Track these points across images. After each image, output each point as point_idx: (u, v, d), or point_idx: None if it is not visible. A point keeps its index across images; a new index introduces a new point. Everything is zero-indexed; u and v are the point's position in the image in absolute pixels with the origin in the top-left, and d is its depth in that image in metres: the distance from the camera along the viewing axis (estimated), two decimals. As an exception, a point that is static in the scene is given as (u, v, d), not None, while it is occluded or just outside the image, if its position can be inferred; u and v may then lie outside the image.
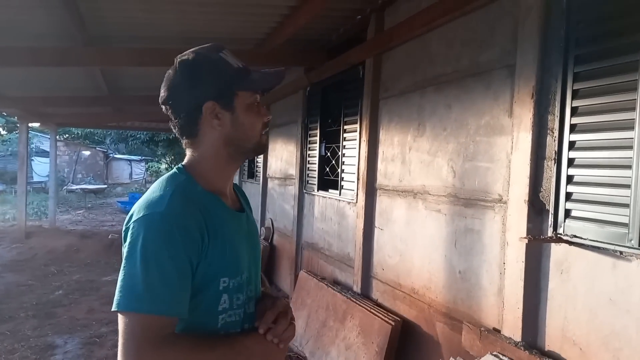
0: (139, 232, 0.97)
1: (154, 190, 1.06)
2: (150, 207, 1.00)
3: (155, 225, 0.98)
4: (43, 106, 8.55)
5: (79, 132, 25.83)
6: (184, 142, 1.14)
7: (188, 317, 1.00)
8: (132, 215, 1.02)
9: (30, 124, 10.31)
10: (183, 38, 4.24)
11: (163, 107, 1.12)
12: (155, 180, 1.38)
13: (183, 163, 1.14)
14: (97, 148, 25.67)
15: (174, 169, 1.13)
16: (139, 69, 5.25)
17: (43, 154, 20.37)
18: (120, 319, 0.94)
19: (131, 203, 15.48)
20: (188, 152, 1.14)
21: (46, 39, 4.01)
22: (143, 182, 28.05)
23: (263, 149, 1.18)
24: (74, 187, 20.67)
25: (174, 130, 1.14)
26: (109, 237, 9.57)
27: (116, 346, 1.06)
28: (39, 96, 7.44)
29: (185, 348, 0.98)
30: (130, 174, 29.41)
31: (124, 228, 1.02)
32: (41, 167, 19.67)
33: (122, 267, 0.97)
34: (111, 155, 27.24)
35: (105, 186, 22.27)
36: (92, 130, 25.69)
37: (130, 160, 29.68)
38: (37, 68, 4.93)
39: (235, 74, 1.09)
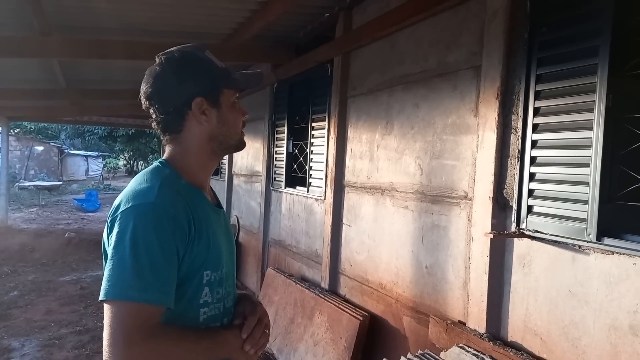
0: (128, 221, 0.98)
1: (139, 182, 1.07)
2: (139, 198, 1.01)
3: (145, 214, 0.99)
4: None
5: (32, 127, 24.72)
6: (165, 137, 1.15)
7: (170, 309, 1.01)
8: (118, 206, 1.02)
9: (-21, 117, 9.79)
10: (148, 30, 4.15)
11: (146, 102, 1.13)
12: (113, 176, 1.39)
13: (165, 157, 1.15)
14: (51, 143, 24.63)
15: (156, 163, 1.14)
16: (100, 61, 5.09)
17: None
18: (108, 308, 0.94)
19: (88, 200, 14.97)
20: (169, 148, 1.16)
21: (2, 28, 3.81)
22: (100, 179, 27.17)
23: (244, 145, 1.22)
24: (27, 183, 19.78)
25: (155, 126, 1.15)
26: (66, 235, 9.23)
27: (77, 348, 1.07)
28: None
29: (172, 339, 0.99)
30: (87, 171, 28.39)
31: (109, 219, 1.02)
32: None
33: (110, 257, 0.97)
34: (66, 150, 26.20)
35: (60, 183, 21.40)
36: (45, 124, 24.67)
37: (86, 156, 28.64)
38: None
39: (221, 72, 1.14)
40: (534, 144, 2.04)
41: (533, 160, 2.05)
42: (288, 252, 4.73)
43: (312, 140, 4.25)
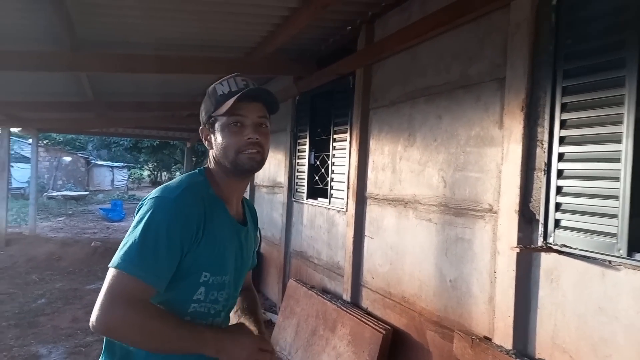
0: (149, 208, 1.14)
1: (174, 181, 1.24)
2: (165, 192, 1.18)
3: (164, 207, 1.14)
4: (25, 111, 8.41)
5: (60, 138, 25.44)
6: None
7: (165, 294, 1.14)
8: (149, 195, 1.19)
9: (11, 129, 10.11)
10: (175, 44, 4.25)
11: None
12: (137, 187, 1.55)
13: (205, 166, 1.33)
14: (79, 154, 25.27)
15: (197, 170, 1.31)
16: (127, 74, 5.22)
17: (22, 159, 19.97)
18: (109, 274, 1.08)
19: (113, 210, 15.24)
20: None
21: (33, 43, 3.96)
22: (125, 189, 27.69)
23: (242, 167, 1.25)
24: (55, 193, 20.30)
25: None
26: (92, 244, 9.42)
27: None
28: (20, 101, 7.32)
29: (152, 315, 1.09)
30: (112, 181, 28.99)
31: (139, 204, 1.20)
32: (20, 173, 19.30)
33: (127, 233, 1.13)
34: (93, 161, 26.84)
35: (87, 193, 21.90)
36: (73, 136, 25.34)
37: (112, 167, 29.27)
38: (20, 72, 4.86)
39: (216, 101, 1.25)
40: (561, 157, 2.01)
41: (560, 174, 2.02)
42: (309, 264, 4.73)
43: (334, 152, 4.26)
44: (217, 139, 1.25)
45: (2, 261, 8.12)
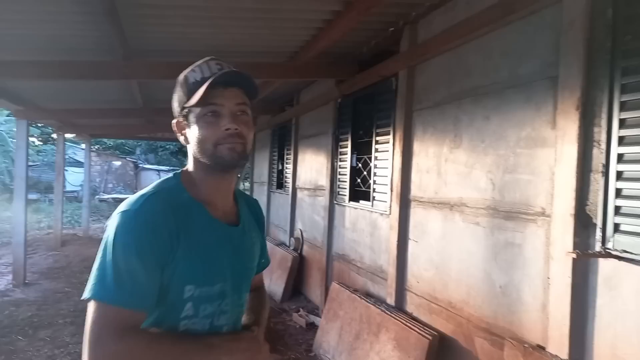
0: (112, 226, 1.03)
1: (142, 190, 1.12)
2: (128, 205, 1.05)
3: (126, 222, 1.02)
4: (78, 118, 8.85)
5: (111, 143, 26.53)
6: None
7: (150, 316, 1.04)
8: (116, 210, 1.07)
9: (65, 135, 10.65)
10: (220, 51, 4.32)
11: None
12: None
13: (182, 168, 1.21)
14: (128, 158, 26.27)
15: (172, 173, 1.20)
16: (173, 81, 5.38)
17: (75, 164, 20.97)
18: (89, 306, 0.99)
19: (160, 212, 15.73)
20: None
21: (89, 53, 4.16)
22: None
23: (222, 161, 1.11)
24: (106, 196, 21.20)
25: None
26: (140, 246, 9.74)
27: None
28: (75, 108, 7.70)
29: (145, 340, 1.00)
30: (159, 184, 29.87)
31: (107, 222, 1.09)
32: (73, 177, 20.25)
33: (96, 258, 1.02)
34: (141, 165, 27.84)
35: (135, 196, 22.67)
36: (123, 141, 26.38)
37: (159, 171, 30.22)
38: (76, 81, 5.11)
39: (188, 90, 1.12)
40: (620, 158, 1.92)
41: (619, 175, 1.92)
42: (352, 267, 4.71)
43: (376, 154, 4.23)
44: (193, 132, 1.11)
45: (58, 261, 8.55)
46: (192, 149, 1.14)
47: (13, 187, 7.89)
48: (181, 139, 1.17)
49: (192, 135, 1.12)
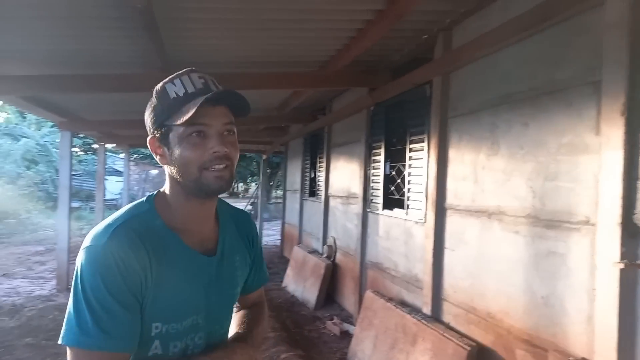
0: (80, 264, 0.94)
1: (109, 218, 1.01)
2: (93, 239, 0.96)
3: (93, 259, 0.93)
4: (118, 128, 9.15)
5: (147, 152, 27.31)
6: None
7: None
8: (83, 244, 0.97)
9: (106, 145, 11.05)
10: (254, 62, 4.44)
11: None
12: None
13: (158, 189, 1.11)
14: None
15: (145, 196, 1.09)
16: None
17: (114, 173, 21.68)
18: (68, 352, 0.92)
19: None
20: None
21: (128, 66, 4.31)
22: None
23: (207, 188, 1.01)
24: (142, 204, 21.75)
25: None
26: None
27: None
28: (115, 119, 7.98)
29: None
30: (193, 192, 30.51)
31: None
32: (113, 186, 20.92)
33: (69, 299, 0.94)
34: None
35: (171, 203, 23.23)
36: (159, 150, 27.10)
37: (193, 179, 30.90)
38: (115, 92, 5.31)
39: (168, 107, 1.00)
40: (670, 165, 1.84)
41: (669, 183, 1.84)
42: (386, 275, 4.67)
43: (410, 162, 4.20)
44: (174, 153, 1.00)
45: (99, 267, 8.82)
46: (171, 171, 1.03)
47: (57, 195, 8.22)
48: (157, 158, 1.05)
49: (172, 156, 1.01)
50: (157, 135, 1.04)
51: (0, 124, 19.90)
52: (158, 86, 1.03)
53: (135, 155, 25.14)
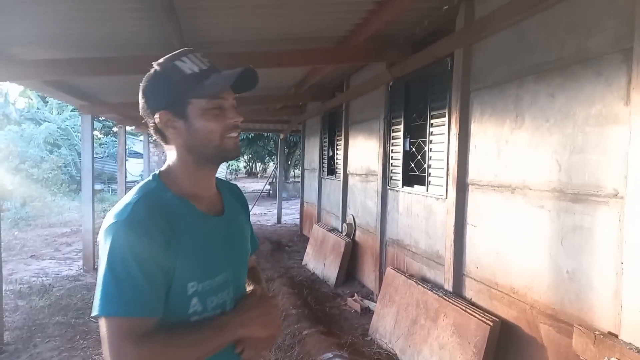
0: (106, 240, 1.02)
1: (124, 198, 1.10)
2: (115, 216, 1.04)
3: (119, 233, 1.01)
4: (138, 111, 9.21)
5: (166, 134, 27.57)
6: (164, 147, 1.18)
7: (162, 319, 1.04)
8: (103, 225, 1.05)
9: (126, 128, 11.17)
10: (269, 39, 4.39)
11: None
12: (234, 177, 1.35)
13: (161, 169, 1.18)
14: (182, 148, 27.24)
15: (150, 175, 1.16)
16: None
17: (135, 155, 21.96)
18: (101, 323, 1.00)
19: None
20: (167, 157, 1.18)
21: (147, 48, 4.31)
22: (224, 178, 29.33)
23: (228, 153, 1.14)
24: (163, 185, 22.07)
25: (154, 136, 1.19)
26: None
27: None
28: (135, 101, 8.02)
29: (161, 339, 1.01)
30: (213, 172, 30.82)
31: (99, 236, 1.07)
32: (133, 168, 21.21)
33: (98, 276, 1.02)
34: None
35: (190, 184, 23.49)
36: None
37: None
38: (134, 75, 5.32)
39: (187, 81, 1.08)
40: None
41: None
42: (407, 252, 4.67)
43: (431, 137, 4.14)
44: (194, 124, 1.09)
45: (123, 247, 9.02)
46: (187, 142, 1.11)
47: (80, 178, 8.37)
48: (168, 132, 1.12)
49: (191, 127, 1.09)
50: (172, 109, 1.10)
51: (22, 109, 20.26)
52: (162, 63, 1.11)
53: (154, 138, 25.41)
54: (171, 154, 1.16)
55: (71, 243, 9.58)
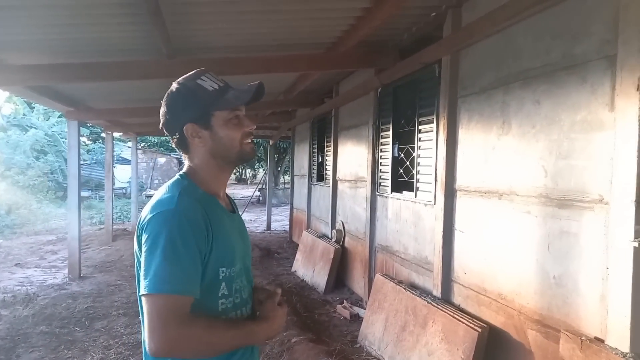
0: (155, 227, 1.15)
1: (163, 193, 1.25)
2: (163, 206, 1.18)
3: (169, 219, 1.15)
4: (126, 117, 9.15)
5: (155, 140, 27.38)
6: (183, 155, 1.34)
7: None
8: (147, 215, 1.19)
9: (113, 134, 11.07)
10: (259, 45, 4.38)
11: (162, 130, 1.33)
12: (230, 182, 1.56)
13: (184, 171, 1.33)
14: (172, 155, 27.05)
15: (177, 176, 1.32)
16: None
17: (122, 161, 21.77)
18: (145, 301, 1.11)
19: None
20: (186, 163, 1.34)
21: (134, 54, 4.28)
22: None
23: (247, 156, 1.32)
24: (152, 192, 21.90)
25: (174, 147, 1.35)
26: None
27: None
28: (122, 107, 7.98)
29: (204, 325, 1.14)
30: (201, 179, 30.63)
31: (139, 227, 1.21)
32: (121, 174, 21.03)
33: (144, 259, 1.14)
34: (184, 161, 28.61)
35: (179, 191, 23.35)
36: (166, 138, 27.14)
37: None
38: (122, 81, 5.28)
39: (210, 97, 1.25)
40: (688, 140, 1.79)
41: (687, 158, 1.79)
42: (396, 258, 4.66)
43: (419, 143, 4.15)
44: (219, 133, 1.27)
45: (110, 255, 8.92)
46: (211, 149, 1.28)
47: (66, 185, 8.27)
48: (196, 141, 1.27)
49: (216, 135, 1.27)
50: (198, 121, 1.26)
51: (8, 115, 20.00)
52: (184, 83, 1.27)
53: (142, 144, 25.23)
54: (194, 160, 1.31)
55: (57, 251, 9.43)
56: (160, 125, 1.31)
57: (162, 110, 1.29)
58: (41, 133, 18.43)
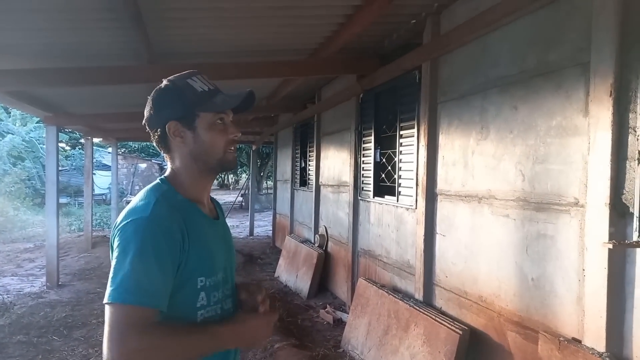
0: (126, 234, 1.10)
1: (140, 198, 1.19)
2: (137, 213, 1.13)
3: (141, 228, 1.10)
4: (106, 122, 9.03)
5: (136, 146, 27.05)
6: (164, 156, 1.29)
7: (169, 311, 1.11)
8: (120, 221, 1.14)
9: (93, 139, 10.90)
10: (241, 51, 4.39)
11: (145, 126, 1.28)
12: (213, 188, 1.49)
13: (165, 175, 1.28)
14: (153, 160, 26.75)
15: (157, 180, 1.27)
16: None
17: (102, 167, 21.45)
18: (108, 310, 1.05)
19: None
20: (168, 165, 1.29)
21: (114, 58, 4.24)
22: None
23: (229, 165, 1.27)
24: (132, 198, 21.62)
25: (156, 146, 1.29)
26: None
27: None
28: (102, 113, 7.87)
29: (164, 333, 1.08)
30: (183, 185, 30.34)
31: (112, 233, 1.17)
32: (101, 180, 20.72)
33: (113, 266, 1.09)
34: (165, 167, 28.32)
35: (161, 197, 23.06)
36: (148, 143, 26.85)
37: (182, 172, 30.67)
38: (103, 86, 5.22)
39: (197, 97, 1.21)
40: (658, 144, 1.85)
41: (657, 162, 1.86)
42: (378, 262, 4.69)
43: (401, 148, 4.20)
44: (201, 135, 1.22)
45: (90, 262, 8.77)
46: (192, 151, 1.23)
47: (44, 191, 8.11)
48: (177, 140, 1.22)
49: (198, 138, 1.22)
50: (182, 120, 1.21)
51: (-16, 120, 19.55)
52: (175, 80, 1.23)
53: (123, 149, 24.88)
54: (175, 162, 1.26)
55: (34, 259, 9.23)
56: (144, 121, 1.26)
57: (148, 105, 1.25)
58: (18, 139, 18.05)
